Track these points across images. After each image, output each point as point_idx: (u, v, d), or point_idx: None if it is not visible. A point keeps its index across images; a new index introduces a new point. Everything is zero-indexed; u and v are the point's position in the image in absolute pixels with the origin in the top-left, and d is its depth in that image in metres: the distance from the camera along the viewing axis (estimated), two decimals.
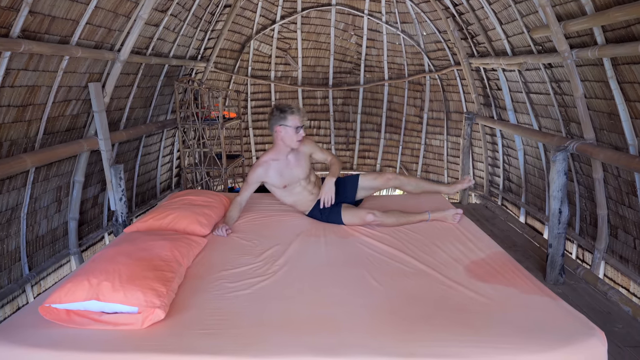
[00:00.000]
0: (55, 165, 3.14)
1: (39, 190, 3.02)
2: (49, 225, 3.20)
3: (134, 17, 3.35)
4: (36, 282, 3.06)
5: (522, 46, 3.90)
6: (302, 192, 2.95)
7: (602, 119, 3.05)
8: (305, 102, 6.82)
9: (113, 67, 3.42)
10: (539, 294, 1.89)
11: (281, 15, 6.11)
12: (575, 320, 1.69)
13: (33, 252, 3.04)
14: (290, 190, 2.93)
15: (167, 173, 5.40)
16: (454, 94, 5.90)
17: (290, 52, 6.51)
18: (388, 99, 6.69)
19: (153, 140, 4.79)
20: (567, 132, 3.61)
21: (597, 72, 2.92)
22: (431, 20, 5.47)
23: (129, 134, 3.94)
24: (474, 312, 1.76)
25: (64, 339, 1.63)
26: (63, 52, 2.74)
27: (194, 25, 4.78)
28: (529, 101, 4.13)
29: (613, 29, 2.64)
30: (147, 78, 4.20)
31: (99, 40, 3.17)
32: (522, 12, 3.55)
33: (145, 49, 3.95)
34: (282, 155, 2.86)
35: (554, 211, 3.01)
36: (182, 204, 2.86)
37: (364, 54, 6.49)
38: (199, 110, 4.79)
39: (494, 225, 4.39)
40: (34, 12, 2.40)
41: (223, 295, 1.94)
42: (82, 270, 1.88)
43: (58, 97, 2.95)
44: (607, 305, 2.80)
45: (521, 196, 4.65)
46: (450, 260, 2.28)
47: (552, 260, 3.07)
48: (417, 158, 6.63)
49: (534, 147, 4.30)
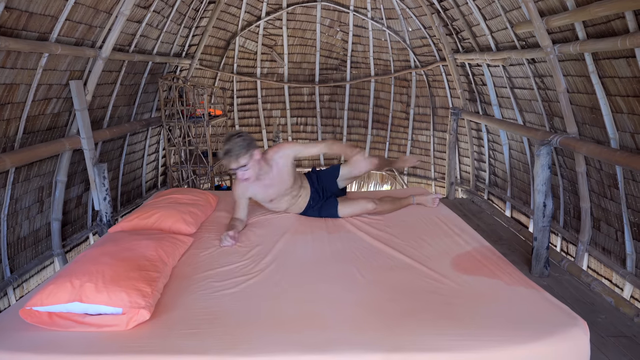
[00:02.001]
0: (37, 165, 3.06)
1: (19, 190, 2.95)
2: (30, 226, 3.13)
3: (115, 13, 3.29)
4: (18, 285, 3.00)
5: (506, 42, 3.94)
6: (292, 200, 2.89)
7: (584, 113, 3.10)
8: (291, 98, 6.80)
9: (95, 65, 3.35)
10: (523, 286, 1.92)
11: (266, 11, 6.07)
12: (558, 311, 1.72)
13: (14, 254, 2.97)
14: (278, 202, 2.87)
15: (153, 172, 5.33)
16: (439, 90, 5.94)
17: (276, 48, 6.47)
18: (374, 95, 6.70)
19: (138, 139, 4.72)
20: (551, 126, 3.66)
21: (578, 67, 2.96)
22: (416, 16, 5.49)
23: (112, 133, 3.87)
24: (460, 305, 1.78)
25: (46, 342, 1.59)
26: (42, 49, 2.67)
27: (178, 21, 4.71)
28: (514, 96, 4.18)
29: (594, 24, 2.68)
30: (130, 75, 4.13)
31: (80, 37, 3.10)
32: (505, 7, 3.58)
33: (128, 45, 3.88)
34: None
35: (539, 205, 3.06)
36: (168, 203, 2.83)
37: (350, 50, 6.48)
38: (184, 107, 4.74)
39: (480, 219, 4.44)
40: (10, 7, 2.33)
41: (209, 294, 1.92)
42: (65, 271, 1.84)
43: (38, 96, 2.88)
44: (591, 296, 2.86)
45: (507, 190, 4.71)
46: (437, 254, 2.30)
47: (537, 253, 3.12)
48: (403, 154, 6.66)
49: (518, 142, 4.35)
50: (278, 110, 6.85)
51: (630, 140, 2.69)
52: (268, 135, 6.84)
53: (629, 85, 2.57)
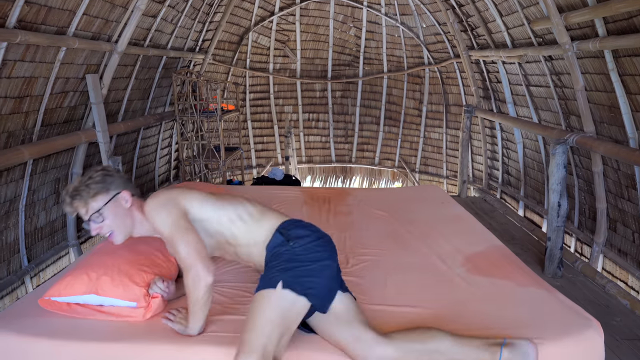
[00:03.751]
0: (53, 157, 3.12)
1: (37, 182, 3.00)
2: (47, 217, 3.19)
3: (131, 8, 3.32)
4: (35, 274, 3.06)
5: (522, 38, 3.88)
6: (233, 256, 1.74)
7: (602, 112, 3.04)
8: (304, 94, 6.79)
9: (110, 59, 3.39)
10: (535, 287, 1.90)
11: (280, 7, 6.06)
12: (571, 312, 1.70)
13: (32, 244, 3.03)
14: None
15: (166, 165, 5.38)
16: (453, 87, 5.88)
17: (289, 44, 6.47)
18: (387, 91, 6.66)
19: (151, 133, 4.77)
20: (567, 125, 3.60)
21: (597, 64, 2.90)
22: (431, 12, 5.43)
23: (127, 126, 3.92)
24: (472, 305, 1.77)
25: (64, 329, 1.63)
26: (60, 43, 2.71)
27: (192, 16, 4.73)
28: (529, 94, 4.12)
29: (615, 20, 2.62)
30: (144, 70, 4.17)
31: (96, 31, 3.13)
32: (522, 3, 3.53)
33: (143, 40, 3.92)
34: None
35: (553, 204, 3.01)
36: None
37: (362, 47, 6.45)
38: (197, 102, 4.77)
39: (492, 218, 4.39)
40: (30, 2, 2.36)
41: (223, 284, 1.93)
42: (82, 263, 1.87)
43: (55, 89, 2.92)
44: (606, 298, 2.81)
45: (520, 189, 4.65)
46: (449, 254, 2.28)
47: (550, 254, 3.08)
48: (415, 151, 6.62)
49: (533, 140, 4.29)
50: (290, 106, 6.85)
51: None
52: (280, 130, 6.85)
53: None
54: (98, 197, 1.58)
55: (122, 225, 1.61)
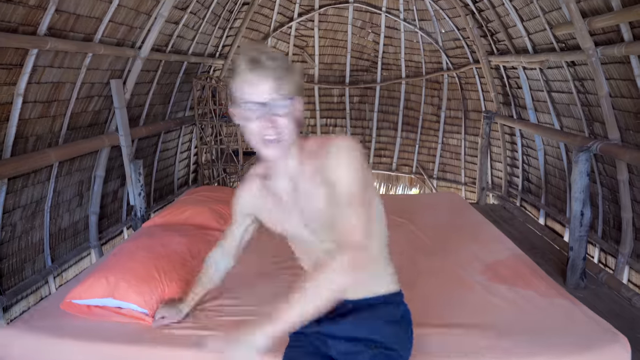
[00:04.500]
0: (78, 160, 3.20)
1: (62, 184, 3.09)
2: (71, 218, 3.27)
3: (154, 15, 3.40)
4: (58, 274, 3.14)
5: (544, 44, 3.82)
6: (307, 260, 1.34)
7: (627, 119, 2.97)
8: (321, 99, 6.81)
9: (134, 64, 3.47)
10: (558, 298, 1.86)
11: (299, 12, 6.11)
12: (596, 326, 1.66)
13: (56, 244, 3.11)
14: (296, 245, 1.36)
15: (185, 169, 5.46)
16: (472, 93, 5.81)
17: (308, 49, 6.51)
18: (405, 97, 6.63)
19: (171, 137, 4.85)
20: (591, 132, 3.52)
21: (623, 70, 2.84)
22: (450, 18, 5.40)
23: (148, 130, 4.00)
24: (492, 315, 1.74)
25: (86, 330, 1.67)
26: (87, 50, 2.79)
27: (213, 22, 4.82)
28: (551, 100, 4.04)
29: None
30: (166, 75, 4.26)
31: (121, 37, 3.22)
32: (544, 8, 3.47)
33: (165, 46, 4.00)
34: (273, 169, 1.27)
35: (576, 213, 2.94)
36: (199, 200, 2.90)
37: (381, 52, 6.44)
38: (217, 107, 4.83)
39: (512, 226, 4.31)
40: (60, 10, 2.45)
41: (239, 290, 1.95)
42: (102, 265, 1.92)
43: (81, 94, 3.01)
44: (631, 311, 2.73)
45: (541, 197, 4.56)
46: (468, 262, 2.25)
47: (573, 264, 3.00)
48: (433, 157, 6.56)
49: (554, 147, 4.20)
50: (308, 111, 6.88)
51: None
52: None
53: None
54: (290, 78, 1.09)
55: (292, 131, 1.11)
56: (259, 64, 1.03)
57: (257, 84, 1.04)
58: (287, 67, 1.07)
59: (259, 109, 1.05)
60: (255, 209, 1.33)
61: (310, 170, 1.16)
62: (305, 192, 1.18)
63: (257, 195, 1.30)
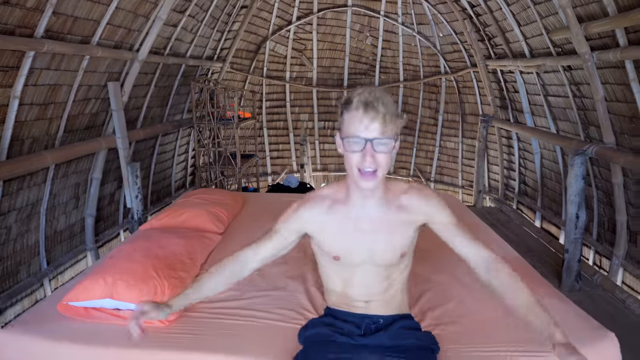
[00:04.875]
0: (74, 163, 3.20)
1: (58, 186, 3.08)
2: (67, 221, 3.27)
3: (152, 17, 3.41)
4: (54, 277, 3.13)
5: (540, 48, 3.84)
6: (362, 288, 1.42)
7: (622, 123, 2.98)
8: (320, 102, 6.83)
9: (132, 67, 3.48)
10: (549, 298, 1.87)
11: (297, 16, 6.13)
12: (586, 323, 1.68)
13: (51, 247, 3.10)
14: (343, 269, 1.42)
15: (182, 172, 5.46)
16: (469, 96, 5.84)
17: (306, 52, 6.53)
18: (403, 100, 6.65)
19: (169, 139, 4.86)
20: (586, 135, 3.54)
21: (618, 74, 2.86)
22: (448, 22, 5.42)
23: (145, 133, 4.00)
24: (486, 317, 1.75)
25: (83, 333, 1.66)
26: (84, 52, 2.80)
27: (211, 26, 4.83)
28: (547, 104, 4.06)
29: (636, 30, 2.58)
30: (164, 78, 4.26)
31: (119, 40, 3.22)
32: (541, 13, 3.50)
33: (163, 49, 4.01)
34: (350, 195, 1.36)
35: (571, 216, 2.96)
36: (197, 203, 2.89)
37: (379, 55, 6.47)
38: (215, 110, 4.84)
39: (508, 229, 4.33)
40: (58, 12, 2.45)
41: (240, 294, 1.93)
42: (99, 267, 1.91)
43: (78, 96, 3.01)
44: (625, 313, 2.74)
45: (537, 200, 4.57)
46: (463, 265, 2.25)
47: (568, 266, 3.02)
48: (431, 160, 6.58)
49: (551, 151, 4.22)
50: (306, 114, 6.89)
51: None
52: (295, 138, 6.89)
53: None
54: (396, 123, 1.24)
55: (387, 169, 1.28)
56: (373, 108, 1.21)
57: (367, 123, 1.21)
58: (393, 112, 1.24)
59: (364, 143, 1.21)
60: (317, 228, 1.39)
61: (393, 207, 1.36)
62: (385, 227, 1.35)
63: (325, 215, 1.38)
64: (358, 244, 1.35)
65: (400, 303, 1.46)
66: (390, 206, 1.35)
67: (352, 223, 1.35)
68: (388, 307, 1.42)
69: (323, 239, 1.38)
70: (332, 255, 1.37)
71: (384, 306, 1.42)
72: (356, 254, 1.36)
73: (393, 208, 1.35)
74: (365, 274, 1.38)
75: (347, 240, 1.35)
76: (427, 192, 1.41)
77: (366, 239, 1.34)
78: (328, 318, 1.46)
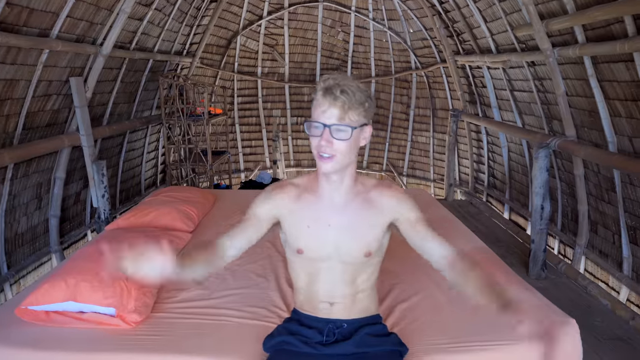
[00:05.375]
0: (35, 162, 3.07)
1: (18, 187, 2.95)
2: (29, 222, 3.13)
3: (116, 11, 3.29)
4: (15, 281, 3.00)
5: (506, 44, 3.94)
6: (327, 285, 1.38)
7: (582, 117, 3.10)
8: (292, 98, 6.80)
9: (95, 62, 3.35)
10: (514, 287, 1.92)
11: (268, 11, 6.07)
12: (548, 310, 1.74)
13: (12, 250, 2.97)
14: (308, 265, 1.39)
15: (152, 169, 5.33)
16: (440, 91, 5.94)
17: (277, 48, 6.47)
18: (375, 95, 6.70)
19: (137, 136, 4.72)
20: (550, 129, 3.66)
21: (578, 70, 2.97)
22: (418, 18, 5.49)
23: (112, 130, 3.88)
24: (449, 308, 1.79)
25: (45, 339, 1.60)
26: (42, 46, 2.67)
27: (179, 20, 4.71)
28: (513, 99, 4.18)
29: (593, 28, 2.68)
30: (131, 73, 4.14)
31: (81, 33, 3.10)
32: (506, 10, 3.59)
33: (129, 43, 3.89)
34: (318, 186, 1.36)
35: (536, 207, 3.06)
36: (165, 201, 2.83)
37: (351, 51, 6.49)
38: (185, 106, 4.74)
39: (478, 221, 4.44)
40: (12, 3, 2.33)
41: (210, 294, 1.91)
42: (60, 270, 1.85)
43: (38, 92, 2.88)
44: (587, 299, 2.86)
45: (505, 192, 4.71)
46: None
47: (534, 256, 3.12)
48: (403, 155, 6.67)
49: (517, 144, 4.35)
50: (278, 110, 6.85)
51: (628, 144, 2.69)
52: (268, 134, 6.84)
53: (627, 89, 2.57)
54: (360, 111, 1.23)
55: (348, 156, 1.25)
56: (331, 94, 1.20)
57: (325, 109, 1.21)
58: (357, 100, 1.21)
59: (322, 128, 1.21)
60: (285, 214, 1.35)
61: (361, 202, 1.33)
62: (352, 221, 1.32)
63: (293, 203, 1.34)
64: (322, 238, 1.31)
65: (368, 305, 1.42)
66: (359, 200, 1.33)
67: (318, 215, 1.32)
68: (352, 311, 1.38)
69: (289, 229, 1.34)
70: (296, 247, 1.33)
71: (348, 310, 1.37)
72: (320, 247, 1.32)
73: (361, 202, 1.32)
74: (330, 271, 1.34)
75: (311, 233, 1.32)
76: (397, 189, 1.39)
77: (331, 233, 1.31)
78: (293, 324, 1.42)
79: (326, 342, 1.34)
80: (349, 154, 1.24)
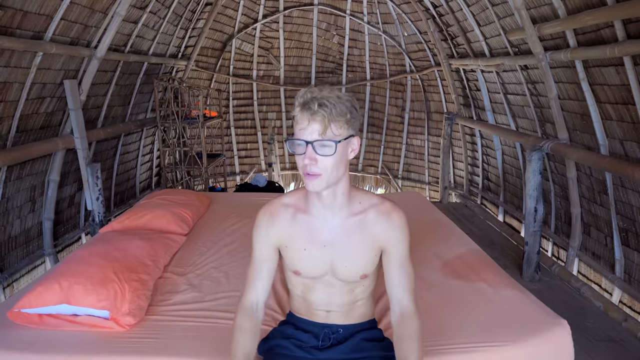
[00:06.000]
0: (29, 164, 3.05)
1: (11, 189, 2.93)
2: (22, 225, 3.11)
3: (111, 13, 3.29)
4: (8, 284, 2.97)
5: (499, 48, 3.98)
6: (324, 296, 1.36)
7: (575, 120, 3.14)
8: (287, 101, 6.81)
9: (89, 64, 3.35)
10: (507, 288, 1.94)
11: (263, 14, 6.09)
12: (541, 312, 1.76)
13: (5, 253, 2.95)
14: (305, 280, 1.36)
15: (147, 172, 5.31)
16: (434, 95, 5.98)
17: (273, 51, 6.49)
18: (370, 98, 6.73)
19: (132, 139, 4.71)
20: (543, 132, 3.69)
21: (569, 74, 3.00)
22: (412, 21, 5.53)
23: (106, 133, 3.87)
24: (444, 309, 1.80)
25: (38, 342, 1.59)
26: (36, 48, 2.67)
27: (174, 23, 4.72)
28: (507, 102, 4.22)
29: (584, 32, 2.71)
30: (125, 76, 4.13)
31: (75, 36, 3.10)
32: (499, 14, 3.62)
33: (124, 46, 3.88)
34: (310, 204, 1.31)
35: (530, 210, 3.08)
36: (160, 203, 2.83)
37: (346, 54, 6.51)
38: (180, 109, 4.74)
39: (473, 224, 4.46)
40: (5, 6, 2.33)
41: (204, 296, 1.91)
42: (54, 273, 1.84)
43: (32, 94, 2.87)
44: (580, 301, 2.88)
45: (500, 195, 4.74)
46: (428, 260, 2.30)
47: (528, 258, 3.14)
48: (398, 158, 6.70)
49: (511, 147, 4.39)
50: (274, 113, 6.86)
51: (619, 147, 2.72)
52: (263, 137, 6.84)
53: (618, 92, 2.61)
54: (342, 123, 1.15)
55: (336, 172, 1.17)
56: (309, 108, 1.12)
57: (306, 125, 1.13)
58: (338, 112, 1.13)
59: (305, 146, 1.14)
60: (284, 242, 1.30)
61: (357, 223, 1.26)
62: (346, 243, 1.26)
63: (289, 226, 1.29)
64: (317, 259, 1.27)
65: (365, 312, 1.39)
66: (354, 221, 1.26)
67: (312, 236, 1.27)
68: (349, 318, 1.36)
69: (287, 253, 1.31)
70: (293, 269, 1.31)
71: (345, 316, 1.35)
72: (316, 268, 1.29)
73: (357, 223, 1.26)
74: (327, 286, 1.31)
75: (307, 255, 1.28)
76: (396, 215, 1.27)
77: (326, 253, 1.27)
78: (289, 327, 1.40)
79: (321, 347, 1.32)
80: (336, 169, 1.16)
